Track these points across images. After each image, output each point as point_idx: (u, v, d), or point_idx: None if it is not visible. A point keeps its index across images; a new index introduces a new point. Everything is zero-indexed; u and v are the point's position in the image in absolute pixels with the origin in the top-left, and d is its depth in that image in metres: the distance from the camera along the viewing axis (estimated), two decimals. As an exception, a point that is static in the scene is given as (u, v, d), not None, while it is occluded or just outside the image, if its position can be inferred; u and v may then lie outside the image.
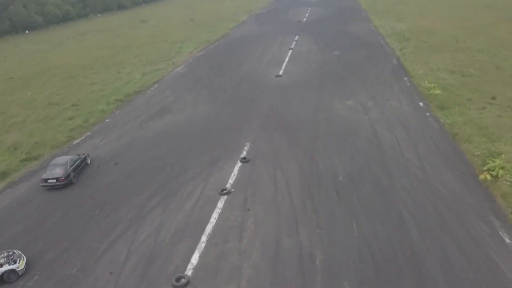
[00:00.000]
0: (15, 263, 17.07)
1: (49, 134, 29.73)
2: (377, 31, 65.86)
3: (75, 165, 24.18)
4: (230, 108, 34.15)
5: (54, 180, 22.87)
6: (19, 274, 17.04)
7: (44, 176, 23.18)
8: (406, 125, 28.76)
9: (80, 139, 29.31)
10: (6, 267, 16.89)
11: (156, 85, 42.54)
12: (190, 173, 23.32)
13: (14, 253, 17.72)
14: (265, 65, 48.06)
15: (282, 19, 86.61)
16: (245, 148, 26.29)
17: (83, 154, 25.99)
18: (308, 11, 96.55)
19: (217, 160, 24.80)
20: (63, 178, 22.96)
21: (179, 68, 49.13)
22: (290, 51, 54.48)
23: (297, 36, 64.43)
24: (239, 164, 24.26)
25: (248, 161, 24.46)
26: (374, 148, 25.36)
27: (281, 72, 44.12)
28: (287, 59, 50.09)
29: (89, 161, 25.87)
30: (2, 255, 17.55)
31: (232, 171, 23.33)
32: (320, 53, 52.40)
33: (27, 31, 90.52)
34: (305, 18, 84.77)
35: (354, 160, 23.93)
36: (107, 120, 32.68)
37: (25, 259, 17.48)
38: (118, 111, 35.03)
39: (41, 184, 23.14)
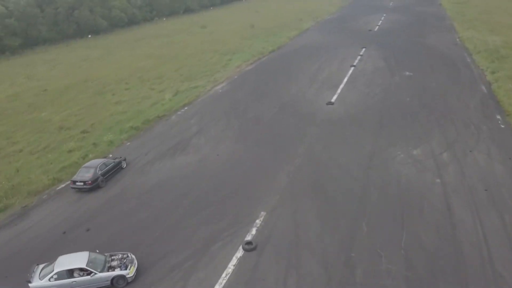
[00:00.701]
0: (126, 268, 16.03)
1: (35, 173, 24.99)
2: (463, 45, 54.62)
3: (106, 169, 24.14)
4: (257, 150, 27.06)
5: (82, 183, 22.99)
6: (128, 281, 15.89)
7: (73, 178, 23.40)
8: (499, 200, 19.63)
9: (65, 184, 24.08)
10: (117, 272, 15.89)
11: (186, 108, 36.75)
12: (167, 264, 16.67)
13: (127, 256, 16.69)
14: (317, 86, 40.25)
15: (350, 27, 77.37)
16: (257, 221, 19.12)
17: (119, 157, 26.18)
18: (382, 18, 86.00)
19: (212, 241, 17.93)
20: (90, 182, 23.00)
21: (219, 87, 43.03)
22: (352, 68, 45.95)
23: (363, 49, 55.41)
24: (240, 252, 17.15)
25: (254, 248, 17.28)
26: (445, 245, 16.81)
27: (334, 99, 36.10)
28: (345, 79, 41.78)
29: (124, 165, 25.80)
30: (117, 257, 16.67)
31: (226, 267, 16.30)
32: (388, 73, 43.26)
33: (89, 35, 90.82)
34: (377, 27, 74.74)
35: (412, 268, 15.67)
36: (110, 155, 27.26)
37: (136, 265, 16.35)
38: (128, 143, 29.62)
39: (71, 186, 23.31)
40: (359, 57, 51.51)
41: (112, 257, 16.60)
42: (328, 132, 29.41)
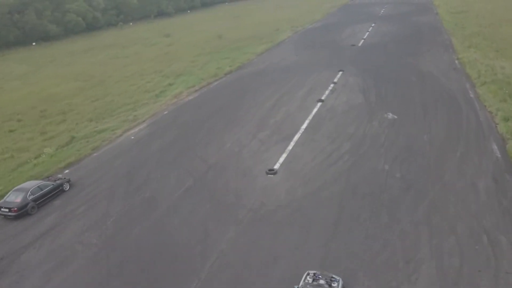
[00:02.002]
0: None
1: None
2: (463, 72, 43.48)
3: (40, 193, 21.58)
4: None
5: (7, 210, 20.61)
6: None
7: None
8: None
9: None
10: None
11: (64, 171, 25.25)
12: None
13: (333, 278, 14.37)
14: (263, 137, 28.93)
15: (331, 40, 66.14)
16: None
17: (63, 178, 23.45)
18: (370, 28, 74.83)
19: None
20: (16, 209, 20.52)
21: (134, 131, 31.63)
22: (318, 105, 34.70)
23: (340, 74, 44.20)
24: None
25: None
26: None
27: (279, 163, 24.77)
28: (305, 125, 30.48)
29: (67, 187, 22.93)
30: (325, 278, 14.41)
31: None
32: (365, 115, 31.98)
33: (33, 43, 79.05)
34: (362, 41, 63.51)
35: None
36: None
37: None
38: None
39: None
40: (332, 85, 40.23)
41: None
42: (253, 238, 18.05)
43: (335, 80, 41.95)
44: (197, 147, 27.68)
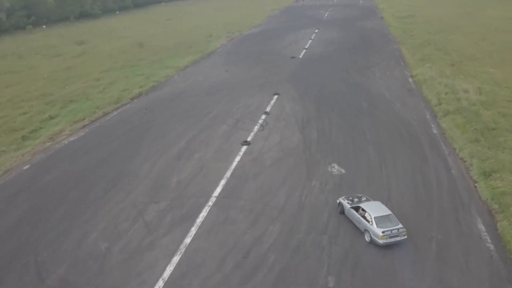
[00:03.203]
0: None
1: None
2: (420, 94, 36.54)
3: None
4: None
5: None
6: None
7: None
8: None
9: None
10: None
11: None
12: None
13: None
14: (151, 217, 19.42)
15: (270, 49, 57.73)
16: None
17: None
18: (313, 35, 67.40)
19: None
20: None
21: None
22: (243, 150, 25.70)
23: (274, 98, 35.62)
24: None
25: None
26: None
27: (162, 282, 15.33)
28: (218, 191, 21.24)
29: None
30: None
31: None
32: (302, 169, 23.34)
33: None
34: (304, 51, 55.58)
35: None
36: None
37: None
38: None
39: None
40: (263, 116, 31.46)
41: None
42: None
43: (268, 108, 33.21)
44: (42, 242, 17.61)
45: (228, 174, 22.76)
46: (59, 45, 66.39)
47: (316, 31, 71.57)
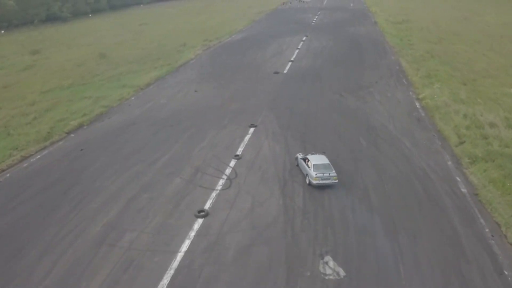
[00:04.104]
0: None
1: None
2: (433, 127, 29.03)
3: None
4: None
5: None
6: None
7: None
8: None
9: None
10: None
11: None
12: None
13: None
14: None
15: (250, 62, 49.92)
16: None
17: None
18: (301, 44, 59.82)
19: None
20: None
21: None
22: (195, 229, 17.84)
23: (250, 133, 27.77)
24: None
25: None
26: None
27: None
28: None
29: None
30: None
31: None
32: (282, 269, 15.52)
33: None
34: (289, 64, 47.89)
35: None
36: None
37: None
38: None
39: None
40: (233, 163, 23.60)
41: None
42: None
43: (240, 149, 25.37)
44: None
45: (165, 281, 14.80)
46: (8, 55, 57.70)
47: (304, 38, 64.01)
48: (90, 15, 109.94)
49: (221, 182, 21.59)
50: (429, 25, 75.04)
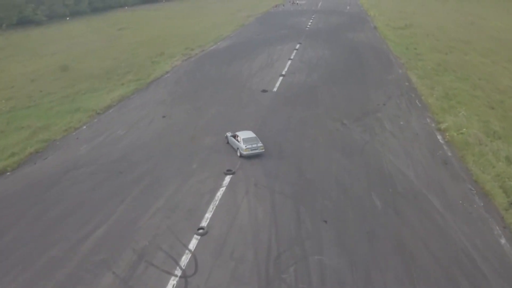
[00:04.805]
0: None
1: None
2: (467, 176, 21.87)
3: None
4: None
5: None
6: None
7: None
8: None
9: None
10: None
11: None
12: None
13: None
14: None
15: (234, 76, 42.75)
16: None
17: None
18: (294, 53, 52.76)
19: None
20: None
21: None
22: None
23: (221, 189, 20.51)
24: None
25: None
26: None
27: None
28: None
29: None
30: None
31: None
32: None
33: None
34: (280, 78, 40.81)
35: None
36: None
37: None
38: None
39: None
40: (193, 244, 16.41)
41: None
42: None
43: (206, 217, 18.17)
44: None
45: None
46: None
47: (297, 46, 56.95)
48: (68, 18, 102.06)
49: (170, 284, 14.32)
50: (434, 31, 68.30)
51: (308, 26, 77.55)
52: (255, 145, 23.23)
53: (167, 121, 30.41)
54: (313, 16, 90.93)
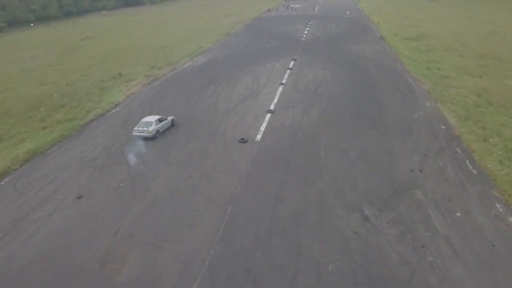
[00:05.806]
0: None
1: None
2: None
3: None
4: None
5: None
6: None
7: None
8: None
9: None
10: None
11: None
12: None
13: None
14: None
15: (204, 114, 31.20)
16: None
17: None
18: (287, 74, 41.33)
19: None
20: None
21: None
22: None
23: None
24: None
25: None
26: None
27: None
28: None
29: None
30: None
31: None
32: None
33: None
34: (267, 117, 29.33)
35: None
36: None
37: None
38: None
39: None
40: None
41: None
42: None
43: None
44: None
45: None
46: None
47: (291, 64, 45.70)
48: (32, 24, 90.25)
49: None
50: (453, 43, 57.25)
51: (304, 35, 66.29)
52: (142, 128, 25.76)
53: (82, 209, 18.88)
54: (310, 23, 79.76)
